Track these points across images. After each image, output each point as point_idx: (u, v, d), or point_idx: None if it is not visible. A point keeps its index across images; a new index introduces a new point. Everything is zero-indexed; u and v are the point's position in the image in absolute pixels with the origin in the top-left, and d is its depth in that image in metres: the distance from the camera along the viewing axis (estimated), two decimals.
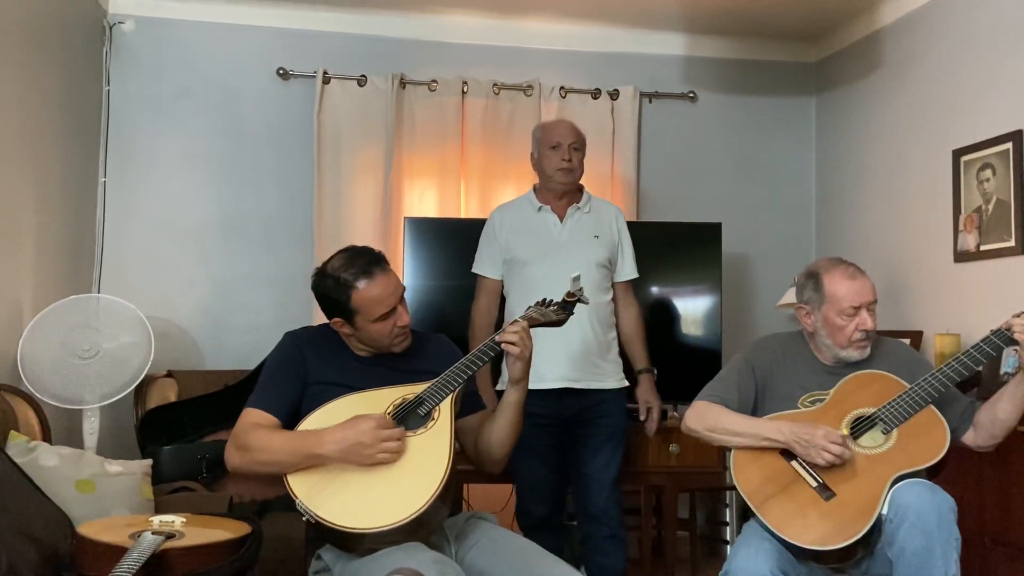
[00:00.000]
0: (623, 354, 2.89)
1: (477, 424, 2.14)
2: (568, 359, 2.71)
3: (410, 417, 1.98)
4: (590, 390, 2.74)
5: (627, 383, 2.83)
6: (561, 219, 2.84)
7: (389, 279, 2.05)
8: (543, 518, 2.77)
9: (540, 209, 2.85)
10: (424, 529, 1.89)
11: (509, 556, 1.88)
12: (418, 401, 2.00)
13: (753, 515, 2.10)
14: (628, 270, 2.91)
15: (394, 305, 2.05)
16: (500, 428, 2.09)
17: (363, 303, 2.02)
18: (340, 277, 2.03)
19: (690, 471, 3.28)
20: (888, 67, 3.77)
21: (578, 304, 2.27)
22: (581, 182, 2.91)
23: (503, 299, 2.89)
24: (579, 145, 2.87)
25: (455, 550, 1.97)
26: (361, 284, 2.02)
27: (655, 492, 3.65)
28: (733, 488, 3.74)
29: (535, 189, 2.92)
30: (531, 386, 2.57)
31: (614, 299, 2.88)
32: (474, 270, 2.91)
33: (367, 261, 2.05)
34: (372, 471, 1.89)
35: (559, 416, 2.72)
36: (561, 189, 2.85)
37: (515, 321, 2.11)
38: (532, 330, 2.13)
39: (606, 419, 2.76)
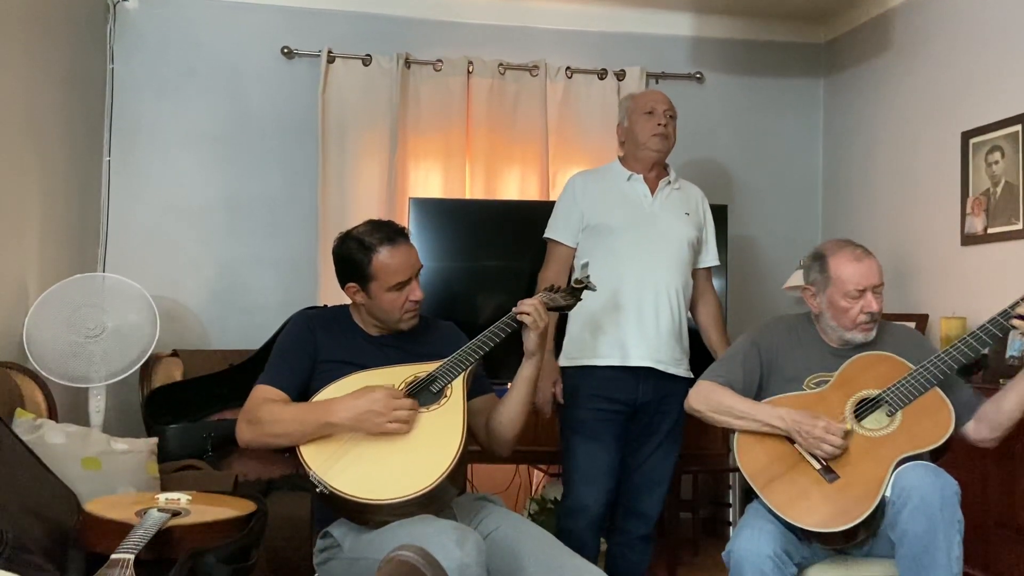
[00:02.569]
0: (700, 343, 2.80)
1: (485, 406, 2.15)
2: (657, 338, 2.60)
3: (423, 394, 2.00)
4: (668, 375, 2.61)
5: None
6: (652, 192, 2.71)
7: (410, 251, 2.10)
8: (598, 516, 2.59)
9: (630, 178, 2.71)
10: (434, 504, 1.90)
11: (536, 546, 1.88)
12: (431, 379, 2.02)
13: (756, 497, 2.10)
14: (712, 256, 2.82)
15: (410, 277, 2.08)
16: (512, 405, 2.11)
17: (382, 269, 2.04)
18: (364, 240, 2.07)
19: (693, 453, 3.28)
20: (897, 48, 3.73)
21: (585, 291, 2.27)
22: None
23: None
24: (673, 114, 2.75)
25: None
26: (383, 250, 2.05)
27: None
28: (736, 470, 3.74)
29: (621, 160, 2.78)
30: (616, 362, 2.58)
31: (694, 285, 2.77)
32: (548, 235, 2.75)
33: (392, 230, 2.10)
34: (386, 444, 1.91)
35: (635, 403, 2.60)
36: (654, 157, 2.71)
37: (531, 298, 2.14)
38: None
39: (671, 413, 2.63)
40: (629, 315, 2.59)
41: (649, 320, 2.60)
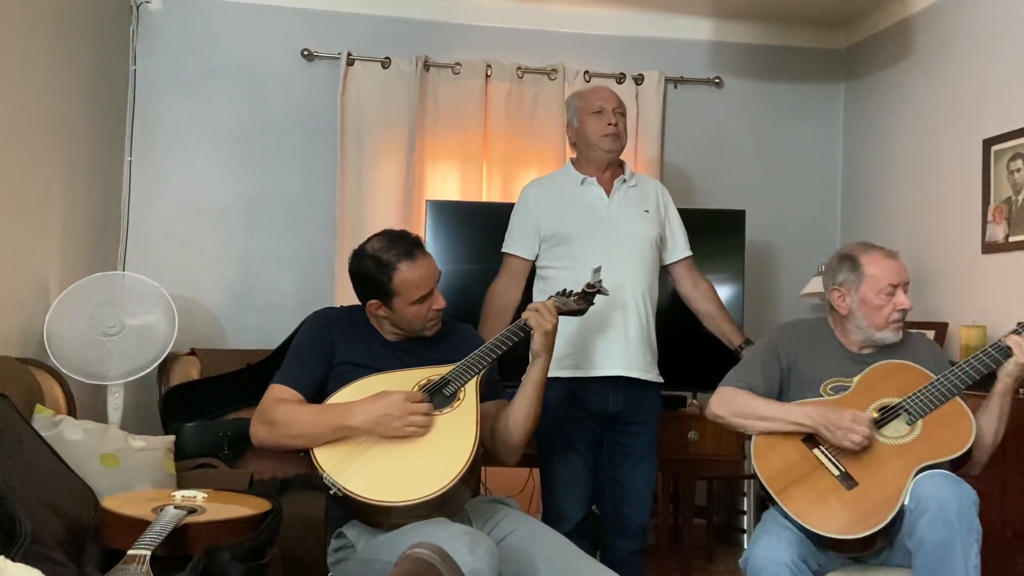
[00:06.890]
0: (710, 336, 2.75)
1: (495, 411, 2.14)
2: (626, 346, 2.54)
3: (436, 397, 2.00)
4: (641, 381, 2.56)
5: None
6: (608, 193, 2.64)
7: (429, 262, 2.08)
8: (579, 522, 2.55)
9: (584, 182, 2.64)
10: (448, 507, 1.90)
11: (551, 551, 1.87)
12: (444, 382, 2.02)
13: (773, 503, 2.09)
14: (683, 247, 2.73)
15: (432, 288, 2.07)
16: (519, 408, 2.10)
17: (404, 285, 2.04)
18: (382, 258, 2.05)
19: (708, 458, 3.26)
20: (919, 55, 3.71)
21: (597, 295, 2.26)
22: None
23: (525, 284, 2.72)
24: (623, 110, 2.68)
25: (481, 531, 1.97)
26: (403, 265, 2.04)
27: (673, 479, 3.65)
28: (751, 477, 3.72)
29: (573, 162, 2.72)
30: (587, 374, 2.53)
31: (677, 281, 2.74)
32: (505, 249, 2.69)
33: (409, 243, 2.08)
34: (399, 447, 1.91)
35: (605, 412, 2.55)
36: (607, 158, 2.64)
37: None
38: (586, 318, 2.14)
39: (646, 422, 2.60)
40: (595, 324, 2.51)
41: (617, 328, 2.54)
